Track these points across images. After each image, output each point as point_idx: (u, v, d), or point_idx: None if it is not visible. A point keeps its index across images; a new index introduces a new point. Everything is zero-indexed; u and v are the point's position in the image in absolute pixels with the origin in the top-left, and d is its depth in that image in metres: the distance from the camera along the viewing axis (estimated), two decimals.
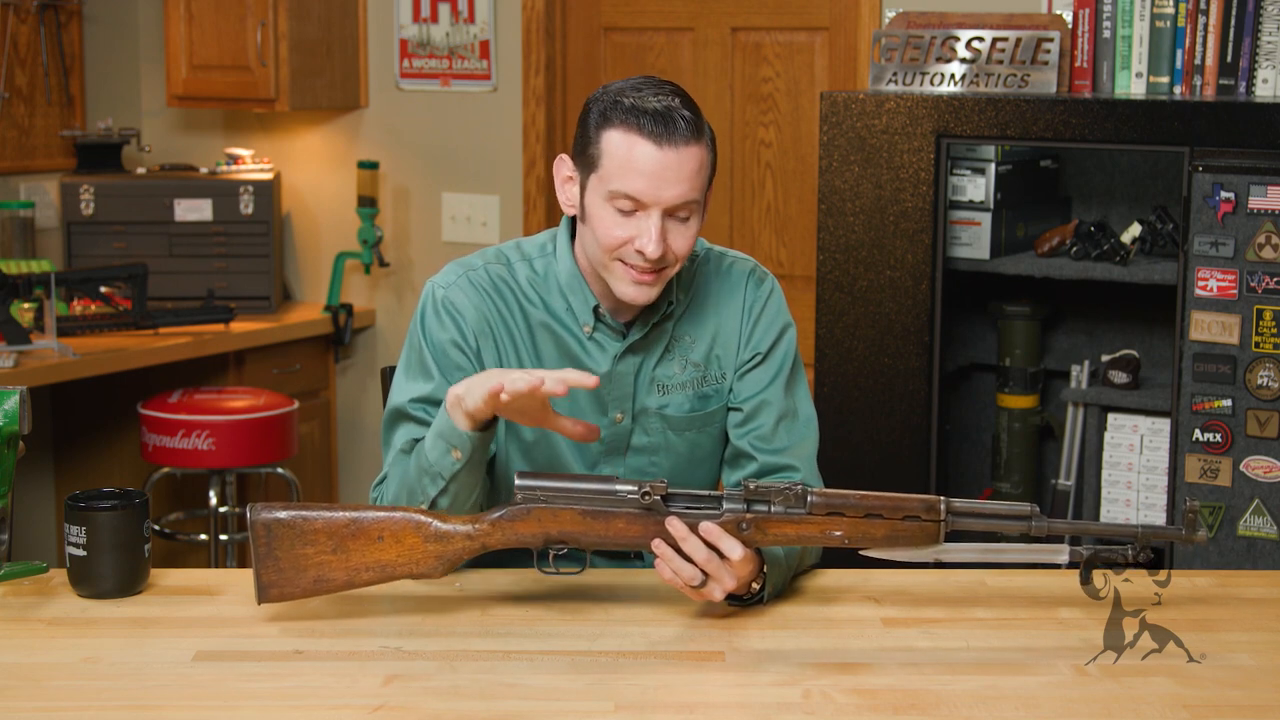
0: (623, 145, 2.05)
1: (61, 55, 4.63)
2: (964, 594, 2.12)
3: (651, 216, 2.05)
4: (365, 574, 1.95)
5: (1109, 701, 1.77)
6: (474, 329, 2.17)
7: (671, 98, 2.06)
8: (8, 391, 2.04)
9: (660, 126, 2.03)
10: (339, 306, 4.60)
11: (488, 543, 1.96)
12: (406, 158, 4.62)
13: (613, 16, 4.34)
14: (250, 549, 1.94)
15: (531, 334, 2.19)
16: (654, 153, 2.03)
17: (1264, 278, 3.00)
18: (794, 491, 1.94)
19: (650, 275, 2.09)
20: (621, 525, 1.94)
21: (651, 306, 2.19)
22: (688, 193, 2.06)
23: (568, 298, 2.18)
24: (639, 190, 2.04)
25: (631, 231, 2.06)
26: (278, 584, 1.94)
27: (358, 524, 1.94)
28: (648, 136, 2.03)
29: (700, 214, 2.11)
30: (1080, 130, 3.19)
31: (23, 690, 1.77)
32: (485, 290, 2.18)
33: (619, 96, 2.07)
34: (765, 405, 2.23)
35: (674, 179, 2.04)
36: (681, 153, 2.04)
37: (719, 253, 2.29)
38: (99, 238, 4.46)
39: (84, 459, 4.61)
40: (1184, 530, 1.93)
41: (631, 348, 2.19)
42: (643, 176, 2.04)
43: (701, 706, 1.75)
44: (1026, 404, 3.63)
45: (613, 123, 2.06)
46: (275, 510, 1.94)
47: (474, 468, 2.04)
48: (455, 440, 2.01)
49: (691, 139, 2.05)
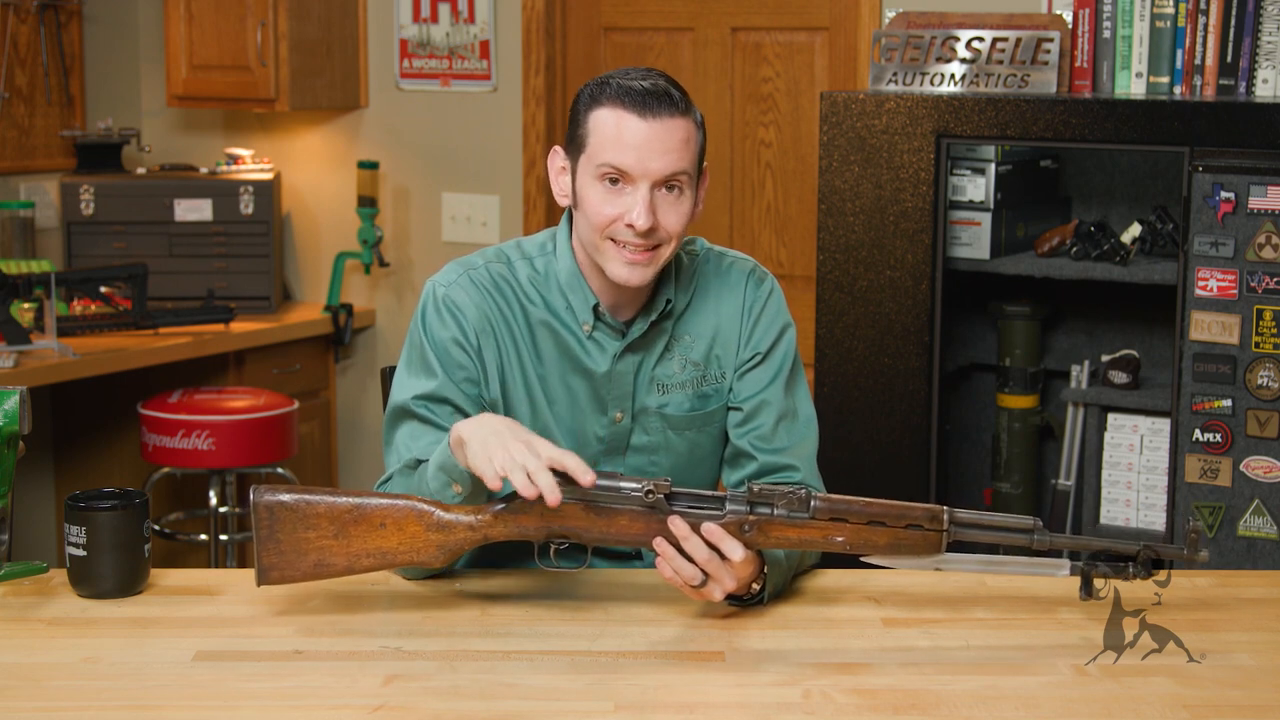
0: (609, 120, 2.07)
1: (61, 55, 4.63)
2: (964, 594, 2.12)
3: (640, 189, 2.06)
4: (366, 560, 1.94)
5: (1109, 701, 1.77)
6: (475, 327, 2.17)
7: (658, 78, 2.10)
8: (8, 391, 2.04)
9: (646, 100, 2.06)
10: (339, 306, 4.60)
11: (490, 534, 1.96)
12: (406, 158, 4.62)
13: (613, 16, 4.34)
14: (252, 531, 1.95)
15: (532, 332, 2.19)
16: (639, 124, 2.05)
17: (1264, 278, 3.00)
18: (798, 495, 1.94)
19: (643, 254, 2.09)
20: (624, 522, 1.95)
21: (650, 304, 2.19)
22: (675, 164, 2.07)
23: (567, 296, 2.18)
24: (626, 163, 2.06)
25: (621, 208, 2.07)
26: (278, 566, 1.94)
27: (360, 510, 1.94)
28: (632, 109, 2.06)
29: (692, 190, 2.12)
30: (1080, 130, 3.19)
31: (23, 690, 1.77)
32: (486, 289, 2.18)
33: (605, 80, 2.11)
34: (765, 405, 2.23)
35: (660, 150, 2.06)
36: (667, 124, 2.06)
37: (719, 252, 2.29)
38: (99, 238, 4.46)
39: (84, 459, 4.61)
40: (1186, 550, 1.94)
41: (631, 346, 2.19)
42: (629, 149, 2.06)
43: (701, 706, 1.75)
44: (1026, 404, 3.63)
45: (600, 102, 2.09)
46: (278, 493, 1.95)
47: (474, 497, 2.03)
48: (456, 476, 1.99)
49: (677, 112, 2.07)
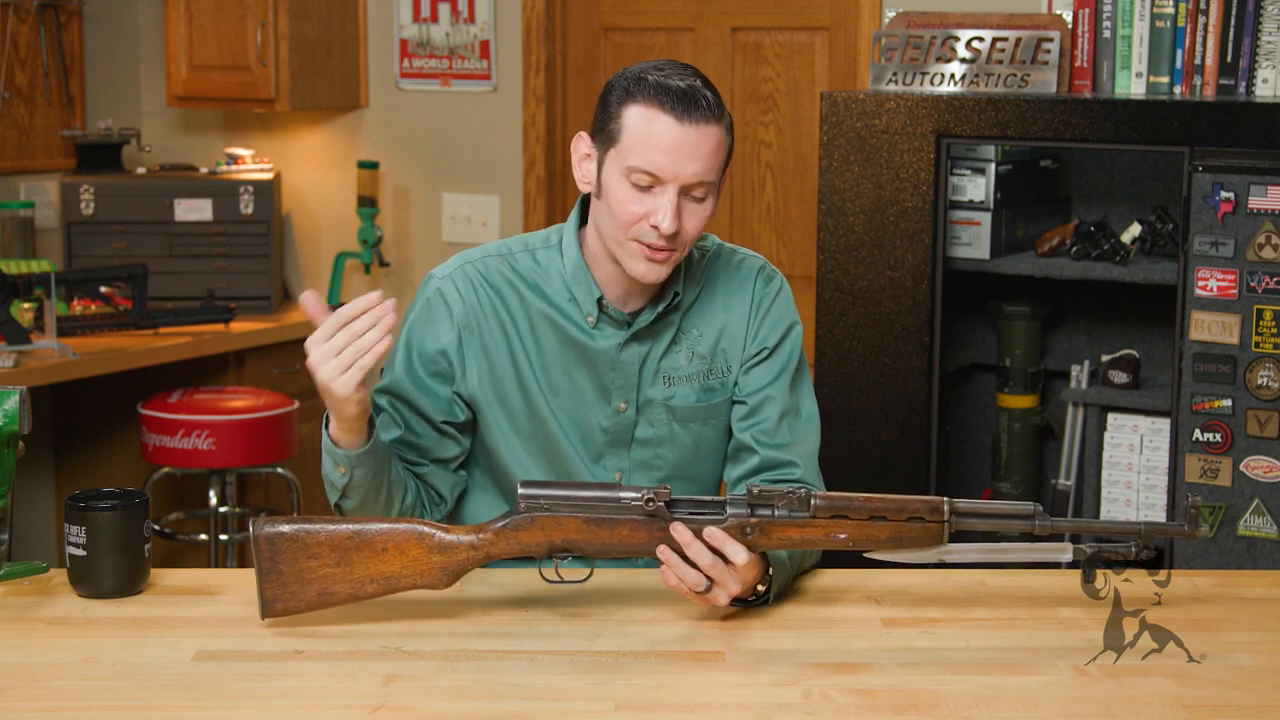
0: (644, 120, 2.05)
1: (61, 55, 4.63)
2: (964, 594, 2.12)
3: (668, 193, 2.06)
4: (370, 586, 1.94)
5: (1109, 701, 1.77)
6: (459, 322, 2.19)
7: (694, 78, 2.08)
8: (8, 391, 2.04)
9: (683, 103, 2.04)
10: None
11: (492, 552, 1.96)
12: (406, 158, 4.62)
13: (613, 16, 4.34)
14: (253, 563, 1.94)
15: (531, 324, 2.20)
16: (675, 128, 2.04)
17: (1264, 278, 3.00)
18: (797, 495, 1.93)
19: (663, 254, 2.09)
20: (625, 532, 1.94)
21: (658, 295, 2.20)
22: (705, 172, 2.07)
23: (571, 289, 2.19)
24: (659, 166, 2.05)
25: (647, 208, 2.07)
26: (282, 598, 1.93)
27: (361, 536, 1.94)
28: (670, 112, 2.04)
29: (714, 197, 2.12)
30: (1080, 130, 3.19)
31: (23, 690, 1.77)
32: (478, 284, 2.20)
33: (642, 74, 2.08)
34: (769, 400, 2.24)
35: (692, 156, 2.05)
36: (702, 130, 2.05)
37: (730, 249, 2.30)
38: (99, 238, 4.46)
39: (84, 459, 4.60)
40: (1186, 526, 1.94)
41: (637, 336, 2.20)
42: (663, 152, 2.04)
43: (701, 706, 1.75)
44: (1026, 404, 3.63)
45: (635, 99, 2.07)
46: (278, 524, 1.94)
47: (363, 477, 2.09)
48: (337, 458, 2.08)
49: (712, 119, 2.06)
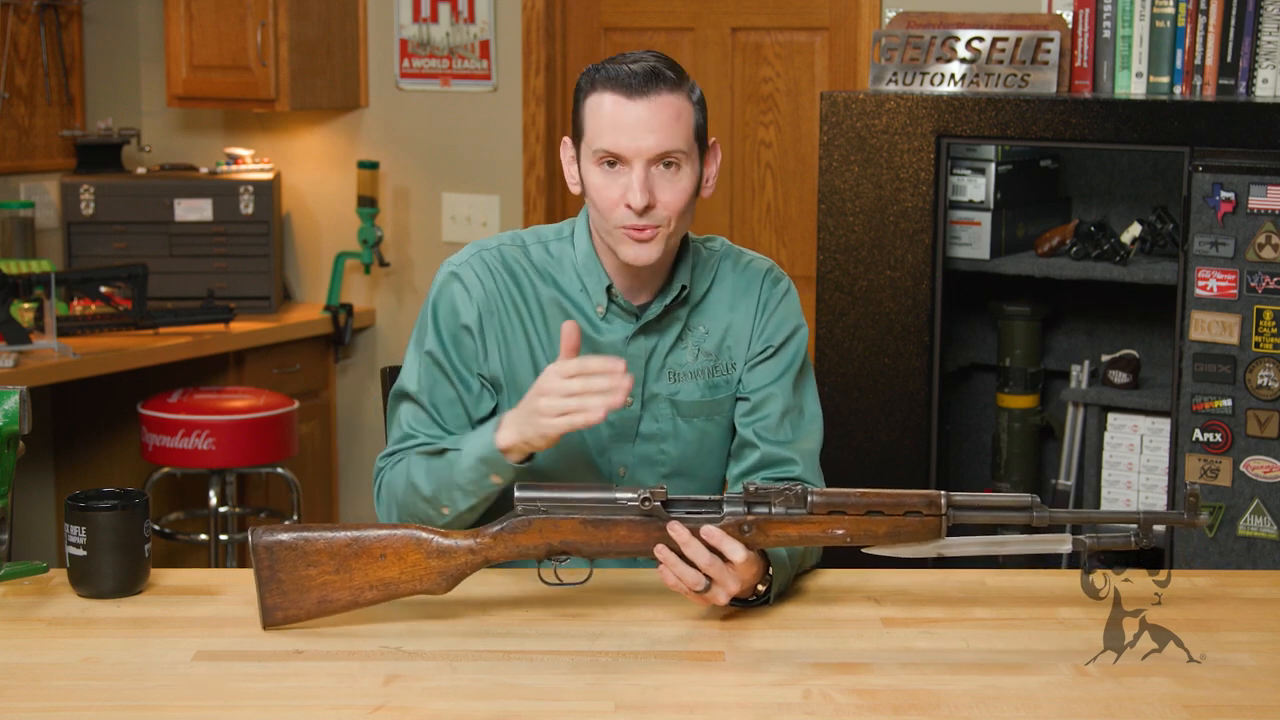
0: (600, 105, 2.11)
1: (61, 55, 4.63)
2: (964, 594, 2.12)
3: (635, 169, 2.09)
4: (369, 593, 1.95)
5: (1109, 701, 1.77)
6: (479, 306, 2.21)
7: (651, 59, 2.12)
8: (8, 391, 2.04)
9: (632, 80, 2.09)
10: (339, 306, 4.60)
11: (490, 556, 1.96)
12: (406, 158, 4.62)
13: (613, 16, 4.34)
14: (253, 572, 1.95)
15: (544, 312, 2.22)
16: (628, 105, 2.08)
17: (1264, 278, 3.00)
18: (794, 492, 1.94)
19: (645, 231, 2.11)
20: (623, 533, 1.95)
21: (665, 289, 2.21)
22: (667, 141, 2.09)
23: (582, 278, 2.22)
24: (618, 144, 2.09)
25: (621, 189, 2.10)
26: (282, 606, 1.94)
27: (359, 543, 1.95)
28: (618, 91, 2.09)
29: (692, 167, 2.13)
30: (1080, 130, 3.19)
31: (23, 690, 1.77)
32: (495, 269, 2.23)
33: (599, 66, 2.14)
34: (772, 397, 2.25)
35: (649, 128, 2.08)
36: (654, 101, 2.08)
37: (738, 251, 2.33)
38: (99, 238, 4.46)
39: (84, 459, 4.60)
40: (1186, 514, 1.93)
41: (644, 329, 2.21)
42: (619, 129, 2.09)
43: (701, 706, 1.75)
44: (1026, 404, 3.63)
45: (593, 89, 2.13)
46: (277, 533, 1.94)
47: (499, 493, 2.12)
48: (499, 469, 2.07)
49: (665, 89, 2.09)
